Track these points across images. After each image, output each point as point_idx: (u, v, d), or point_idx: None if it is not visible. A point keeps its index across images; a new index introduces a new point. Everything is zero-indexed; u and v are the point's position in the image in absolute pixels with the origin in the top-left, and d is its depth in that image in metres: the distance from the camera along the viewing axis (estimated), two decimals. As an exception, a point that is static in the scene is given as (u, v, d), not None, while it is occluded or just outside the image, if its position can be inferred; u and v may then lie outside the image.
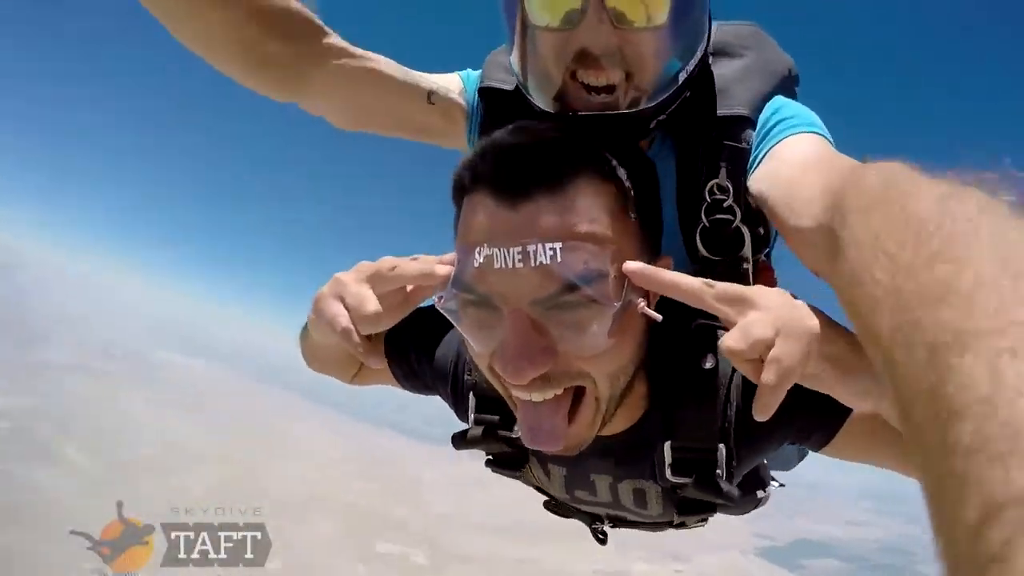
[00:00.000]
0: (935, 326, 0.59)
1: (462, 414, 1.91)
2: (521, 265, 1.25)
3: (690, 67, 1.63)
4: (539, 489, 2.15)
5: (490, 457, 1.94)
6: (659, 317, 1.37)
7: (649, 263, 1.36)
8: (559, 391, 1.37)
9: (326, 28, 1.82)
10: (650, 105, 1.58)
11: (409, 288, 1.51)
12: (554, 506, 2.26)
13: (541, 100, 1.65)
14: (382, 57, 1.91)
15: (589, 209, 1.29)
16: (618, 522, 2.19)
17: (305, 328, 1.81)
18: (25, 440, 30.03)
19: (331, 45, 1.82)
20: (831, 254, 1.02)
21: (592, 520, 2.23)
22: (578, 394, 1.40)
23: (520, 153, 1.32)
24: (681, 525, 2.07)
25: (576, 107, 1.58)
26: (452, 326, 1.54)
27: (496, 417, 1.80)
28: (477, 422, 1.82)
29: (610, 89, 1.55)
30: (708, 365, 1.59)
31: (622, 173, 1.37)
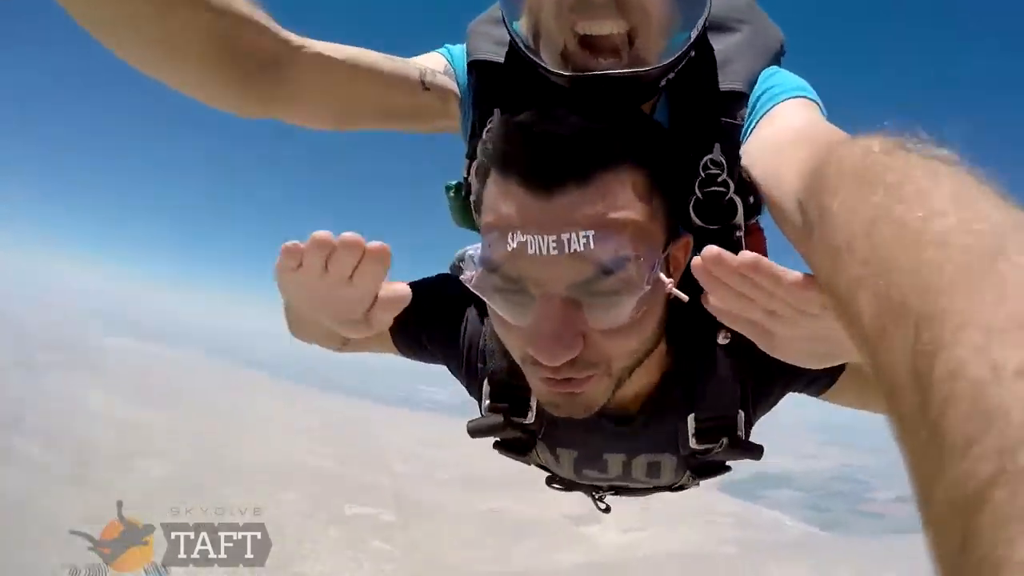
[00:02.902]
0: (919, 309, 0.58)
1: (474, 395, 1.99)
2: (556, 252, 1.30)
3: (697, 27, 1.63)
4: (542, 467, 2.24)
5: (498, 440, 2.03)
6: (686, 298, 1.42)
7: (671, 241, 1.49)
8: (580, 376, 1.45)
9: (292, 36, 1.69)
10: (654, 67, 1.59)
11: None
12: (555, 480, 2.35)
13: (547, 58, 1.64)
14: (361, 48, 1.82)
15: (619, 197, 1.34)
16: (620, 491, 2.31)
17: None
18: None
19: (305, 41, 1.72)
20: (810, 227, 1.04)
21: (593, 491, 2.37)
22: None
23: (552, 144, 1.34)
24: (680, 487, 2.24)
25: (579, 68, 1.58)
26: (460, 305, 1.73)
27: (508, 405, 1.86)
28: (491, 410, 1.90)
29: (614, 51, 1.55)
30: (724, 340, 1.67)
31: (649, 158, 1.42)
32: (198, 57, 1.50)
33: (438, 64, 1.93)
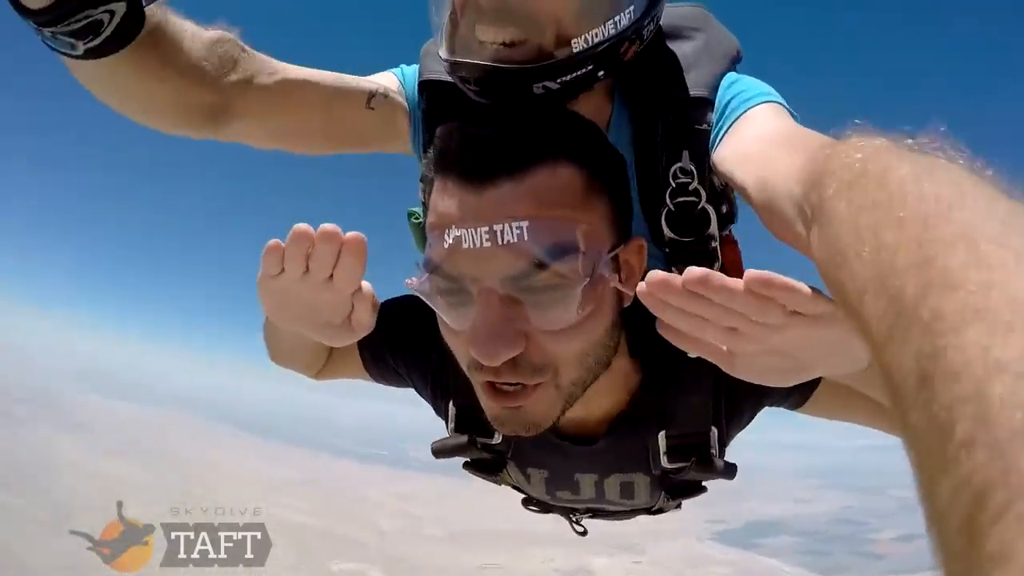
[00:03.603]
0: (925, 311, 0.57)
1: (440, 415, 1.96)
2: (489, 244, 1.27)
3: (596, 37, 1.60)
4: (517, 488, 2.19)
5: (467, 460, 2.00)
6: (631, 293, 1.36)
7: (620, 243, 1.43)
8: (527, 383, 1.38)
9: (245, 48, 1.73)
10: (537, 65, 1.57)
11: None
12: (531, 503, 2.32)
13: (444, 50, 1.65)
14: (310, 69, 1.85)
15: (554, 190, 1.32)
16: (597, 513, 2.25)
17: (268, 320, 1.78)
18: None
19: (254, 67, 1.74)
20: (810, 231, 1.01)
21: (569, 513, 2.30)
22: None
23: (484, 139, 1.35)
24: (659, 511, 2.18)
25: (472, 57, 1.59)
26: (427, 324, 1.60)
27: (473, 425, 1.83)
28: (457, 430, 1.88)
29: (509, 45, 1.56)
30: (694, 354, 1.50)
31: (584, 156, 1.38)
32: (162, 117, 1.67)
33: (391, 83, 1.93)
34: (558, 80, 1.61)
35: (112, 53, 1.40)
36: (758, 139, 1.59)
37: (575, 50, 1.58)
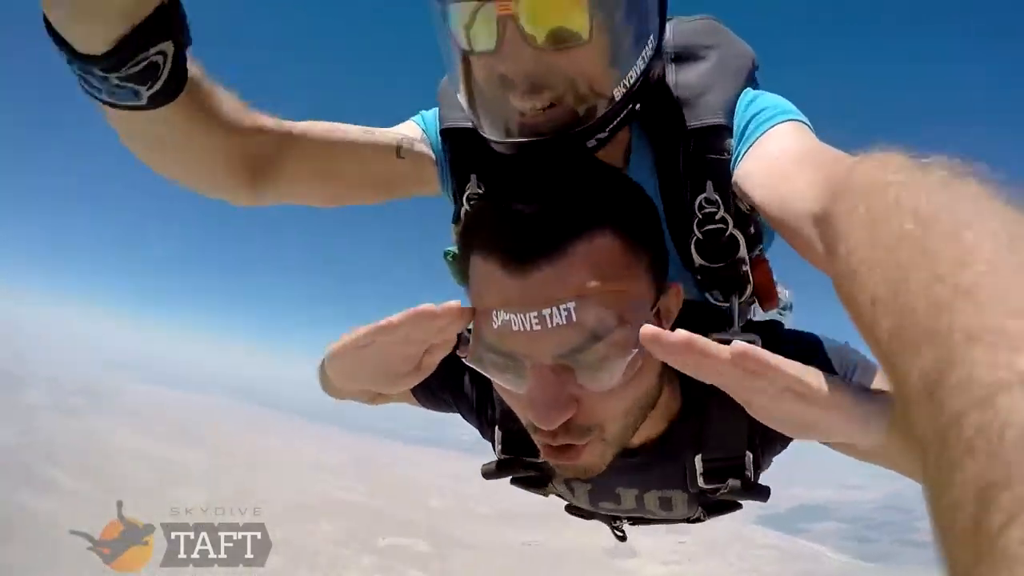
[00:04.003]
0: (935, 327, 0.58)
1: (487, 437, 1.98)
2: (539, 328, 1.28)
3: (632, 78, 1.57)
4: (561, 497, 2.19)
5: (515, 476, 2.01)
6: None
7: (660, 294, 1.43)
8: (577, 443, 1.41)
9: (278, 120, 1.76)
10: (587, 125, 1.55)
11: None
12: (575, 510, 2.32)
13: (485, 128, 1.63)
14: (339, 124, 1.89)
15: (596, 265, 1.30)
16: (638, 521, 2.28)
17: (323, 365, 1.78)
18: (13, 473, 29.82)
19: (293, 135, 1.78)
20: (827, 247, 1.03)
21: (612, 519, 2.31)
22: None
23: (520, 224, 1.32)
24: (697, 520, 2.15)
25: (512, 133, 1.56)
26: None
27: (520, 447, 1.87)
28: (505, 453, 1.91)
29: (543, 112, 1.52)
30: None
31: (622, 218, 1.37)
32: (209, 172, 1.69)
33: (414, 132, 1.95)
34: (607, 129, 1.59)
35: (173, 99, 1.40)
36: (776, 158, 1.58)
37: (617, 97, 1.55)
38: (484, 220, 1.40)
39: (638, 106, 1.63)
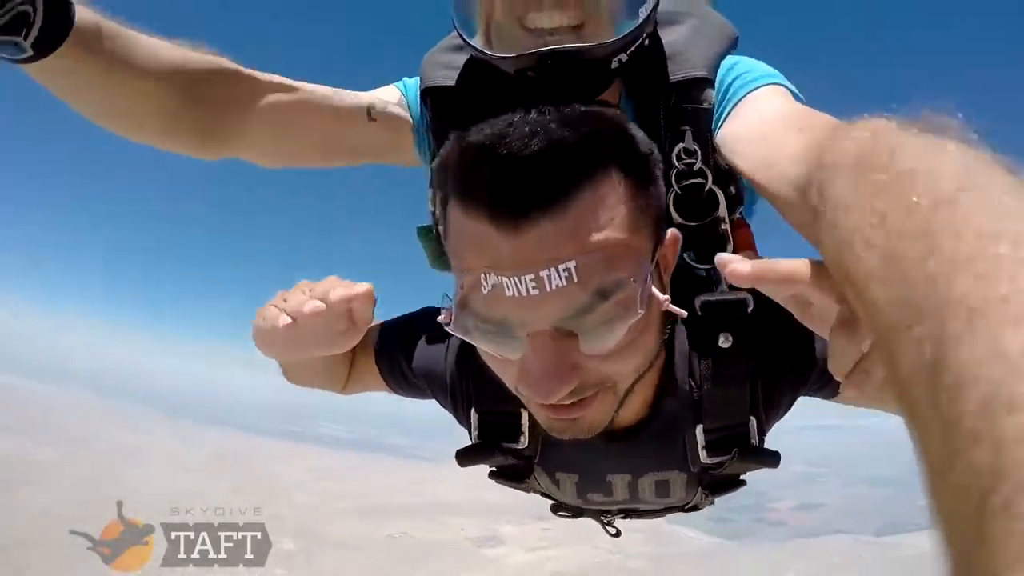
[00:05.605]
0: (932, 300, 0.57)
1: (462, 423, 1.87)
2: (536, 292, 1.16)
3: (647, 6, 1.58)
4: (545, 495, 2.11)
5: (493, 468, 1.92)
6: (684, 313, 1.34)
7: (660, 241, 1.35)
8: (586, 395, 1.32)
9: (241, 69, 1.74)
10: (604, 42, 1.52)
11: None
12: (561, 508, 2.24)
13: (497, 48, 1.59)
14: (309, 84, 1.83)
15: (599, 215, 1.19)
16: (629, 514, 2.18)
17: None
18: None
19: (253, 85, 1.75)
20: (816, 214, 0.96)
21: (601, 515, 2.24)
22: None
23: (515, 168, 1.15)
24: (693, 508, 2.10)
25: (527, 49, 1.52)
26: (439, 335, 1.70)
27: (497, 431, 1.77)
28: (481, 437, 1.79)
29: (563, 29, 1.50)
30: (726, 344, 1.56)
31: (625, 157, 1.27)
32: (149, 133, 1.67)
33: (392, 96, 1.92)
34: (629, 52, 1.58)
35: (57, 47, 1.36)
36: (761, 120, 1.54)
37: (640, 19, 1.55)
38: (470, 165, 1.22)
39: (647, 42, 1.66)
